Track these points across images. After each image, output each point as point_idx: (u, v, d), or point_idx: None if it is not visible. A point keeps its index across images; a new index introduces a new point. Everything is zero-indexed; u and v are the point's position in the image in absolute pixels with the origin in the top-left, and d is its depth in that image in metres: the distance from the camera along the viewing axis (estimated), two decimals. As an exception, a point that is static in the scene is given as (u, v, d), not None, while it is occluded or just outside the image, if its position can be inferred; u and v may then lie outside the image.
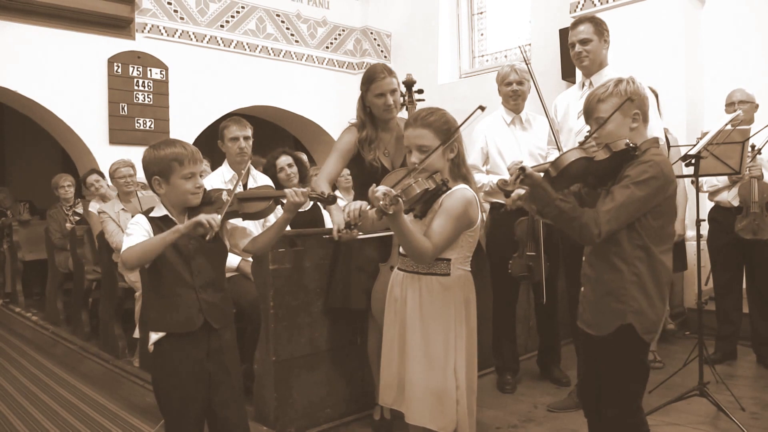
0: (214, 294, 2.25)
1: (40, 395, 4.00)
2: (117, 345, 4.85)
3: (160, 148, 2.24)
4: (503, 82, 3.89)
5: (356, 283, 3.12)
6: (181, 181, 2.22)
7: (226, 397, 2.27)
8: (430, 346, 2.19)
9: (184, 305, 2.20)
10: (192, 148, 2.26)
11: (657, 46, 5.60)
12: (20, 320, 6.59)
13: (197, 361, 2.21)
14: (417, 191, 2.03)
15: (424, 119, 2.21)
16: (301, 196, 2.25)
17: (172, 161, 2.20)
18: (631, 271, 2.08)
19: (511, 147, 3.83)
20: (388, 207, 1.87)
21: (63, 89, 6.72)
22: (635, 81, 2.18)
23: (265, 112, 8.84)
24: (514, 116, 3.90)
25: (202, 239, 2.17)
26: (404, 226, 2.03)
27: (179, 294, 2.20)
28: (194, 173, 2.23)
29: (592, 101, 2.21)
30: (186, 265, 2.21)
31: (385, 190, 1.90)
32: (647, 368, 2.21)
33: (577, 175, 2.09)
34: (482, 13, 8.82)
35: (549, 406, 3.51)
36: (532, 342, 4.39)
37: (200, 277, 2.22)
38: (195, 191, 2.23)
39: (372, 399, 3.32)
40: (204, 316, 2.21)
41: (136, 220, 2.22)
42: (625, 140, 2.06)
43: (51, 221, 6.42)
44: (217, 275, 2.29)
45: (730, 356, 4.34)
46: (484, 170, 3.91)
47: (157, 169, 2.22)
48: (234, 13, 8.14)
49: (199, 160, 2.27)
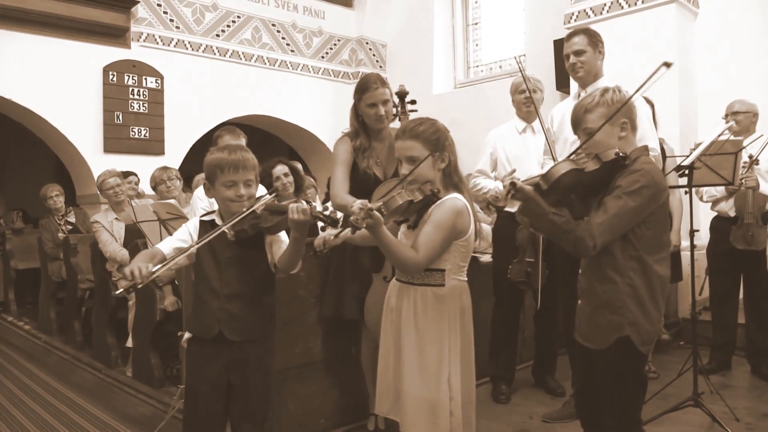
0: (241, 306, 2.21)
1: (31, 405, 3.97)
2: (110, 354, 4.81)
3: (211, 152, 2.25)
4: (517, 90, 3.95)
5: (349, 292, 3.12)
6: (221, 188, 2.22)
7: (242, 412, 2.24)
8: (424, 356, 2.18)
9: (207, 312, 2.21)
10: (239, 155, 2.21)
11: (650, 57, 5.63)
12: (13, 329, 6.55)
13: (215, 368, 2.20)
14: (399, 202, 2.03)
15: (413, 130, 2.21)
16: (302, 213, 2.04)
17: (215, 167, 2.21)
18: (626, 282, 2.07)
19: (521, 155, 3.87)
20: (360, 222, 1.88)
21: (58, 98, 6.71)
22: (621, 90, 2.20)
23: (260, 121, 8.84)
24: (526, 125, 3.95)
25: (239, 249, 2.17)
26: (385, 239, 2.03)
27: (206, 300, 2.22)
28: (236, 181, 2.19)
29: (579, 112, 2.21)
30: (218, 273, 2.20)
31: (361, 204, 1.91)
32: (645, 379, 2.21)
33: (568, 186, 2.09)
34: (477, 24, 8.87)
35: (544, 416, 3.50)
36: (528, 352, 4.38)
37: (228, 288, 2.20)
38: (235, 199, 2.20)
39: (366, 409, 3.32)
40: (220, 326, 2.19)
41: (186, 223, 2.30)
42: (614, 150, 2.06)
43: (43, 231, 6.37)
44: (251, 288, 2.24)
45: (725, 366, 4.34)
46: (493, 176, 3.93)
47: (206, 174, 2.26)
48: (230, 22, 8.16)
49: (247, 168, 2.21)
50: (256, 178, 2.27)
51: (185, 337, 2.27)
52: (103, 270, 4.91)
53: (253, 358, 2.23)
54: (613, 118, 2.11)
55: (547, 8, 7.17)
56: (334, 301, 3.18)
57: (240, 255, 2.20)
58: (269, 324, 2.33)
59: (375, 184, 2.94)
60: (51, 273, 6.24)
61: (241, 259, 2.21)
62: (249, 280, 2.23)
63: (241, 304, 2.21)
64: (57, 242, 6.17)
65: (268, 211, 2.13)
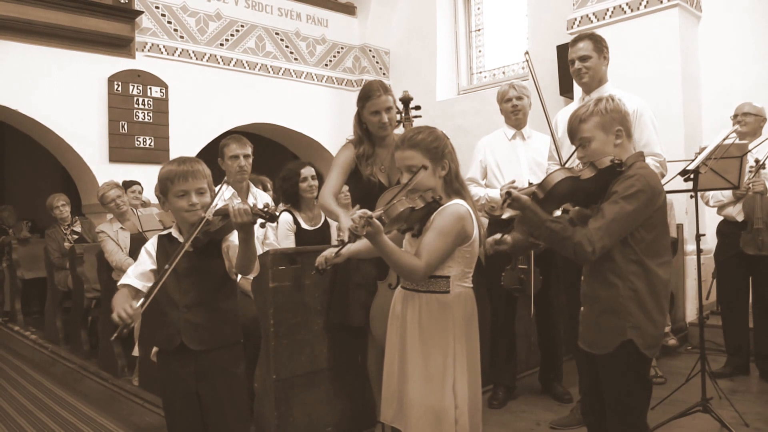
0: (202, 314, 2.21)
1: (38, 414, 3.97)
2: (116, 364, 4.82)
3: (162, 167, 2.27)
4: (503, 99, 3.99)
5: (354, 299, 3.12)
6: (174, 199, 2.23)
7: (217, 423, 2.23)
8: (428, 364, 2.17)
9: (168, 323, 2.21)
10: (188, 165, 2.23)
11: (654, 61, 5.64)
12: (19, 339, 6.56)
13: (182, 379, 2.21)
14: (399, 210, 2.03)
15: (411, 139, 2.21)
16: (243, 214, 2.01)
17: (166, 180, 2.23)
18: (627, 286, 2.07)
19: (510, 161, 3.89)
20: (360, 230, 1.89)
21: (63, 108, 6.75)
22: (614, 98, 2.21)
23: (264, 129, 8.87)
24: (515, 132, 3.96)
25: (195, 258, 2.18)
26: (386, 247, 2.03)
27: (165, 312, 2.21)
28: (187, 191, 2.21)
29: (574, 122, 2.22)
30: (177, 283, 2.20)
31: (361, 213, 1.91)
32: (650, 384, 2.20)
33: (564, 194, 2.11)
34: (480, 30, 8.89)
35: (551, 423, 3.48)
36: (533, 358, 4.37)
37: (188, 297, 2.21)
38: (188, 208, 2.21)
39: (373, 417, 3.30)
40: (181, 336, 2.18)
41: (144, 246, 2.30)
42: (610, 157, 2.08)
43: (50, 240, 6.40)
44: (210, 295, 2.24)
45: (742, 371, 4.29)
46: (483, 183, 3.95)
47: (159, 188, 2.27)
48: (233, 31, 8.20)
49: (197, 176, 2.23)
50: (209, 187, 2.27)
51: (153, 351, 2.28)
52: (109, 279, 4.92)
53: (218, 366, 2.23)
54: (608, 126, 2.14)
55: (550, 14, 7.19)
56: (341, 308, 3.18)
57: (197, 264, 2.21)
58: (232, 331, 2.31)
59: (380, 190, 2.94)
60: (57, 282, 6.26)
61: (198, 268, 2.22)
62: (207, 288, 2.24)
63: (200, 313, 2.20)
64: (63, 252, 6.18)
65: (218, 216, 2.15)
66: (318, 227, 4.14)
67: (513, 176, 3.78)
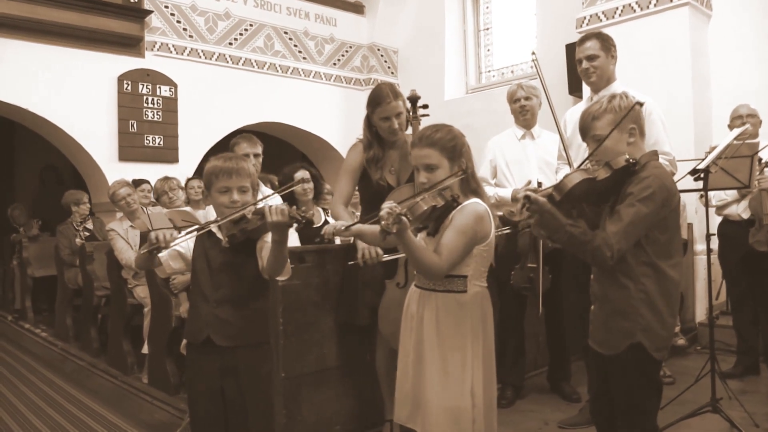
0: (231, 311, 2.21)
1: (48, 411, 4.00)
2: (126, 361, 4.85)
3: (209, 161, 2.30)
4: (512, 99, 4.02)
5: (362, 298, 3.12)
6: (216, 194, 2.27)
7: (239, 421, 2.24)
8: (447, 364, 2.16)
9: (197, 317, 2.24)
10: (233, 163, 2.25)
11: (664, 60, 5.61)
12: (29, 336, 6.62)
13: (208, 374, 2.22)
14: (424, 208, 2.02)
15: (429, 138, 2.19)
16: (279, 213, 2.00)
17: (211, 175, 2.27)
18: (638, 288, 2.06)
19: (520, 161, 3.91)
20: (391, 226, 1.87)
21: (73, 107, 6.78)
22: (628, 96, 2.19)
23: (273, 128, 8.88)
24: (525, 131, 3.98)
25: (230, 255, 2.20)
26: (411, 244, 2.02)
27: (197, 305, 2.25)
28: (229, 188, 2.23)
29: (587, 119, 2.21)
30: (209, 278, 2.23)
31: (389, 208, 1.89)
32: (660, 386, 2.19)
33: (580, 195, 2.10)
34: (488, 29, 8.87)
35: (560, 422, 3.48)
36: (542, 357, 4.36)
37: (219, 292, 2.22)
38: (229, 205, 2.22)
39: (381, 416, 3.31)
40: (208, 330, 2.20)
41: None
42: (624, 156, 2.07)
43: (61, 237, 6.44)
44: (241, 293, 2.24)
45: (752, 371, 4.27)
46: (493, 183, 3.96)
47: (204, 182, 2.33)
48: (242, 30, 8.22)
49: (241, 175, 2.24)
50: (252, 186, 2.29)
51: (183, 343, 2.31)
52: (119, 277, 4.95)
53: (244, 364, 2.23)
54: (621, 124, 2.11)
55: (559, 12, 7.16)
56: (349, 306, 3.19)
57: (231, 260, 2.22)
58: (260, 330, 2.32)
59: (389, 192, 2.96)
60: (67, 280, 6.30)
61: (232, 265, 2.23)
62: (239, 285, 2.24)
63: (229, 309, 2.21)
64: (73, 249, 6.22)
65: (257, 215, 2.14)
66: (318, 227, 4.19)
67: (522, 176, 3.78)
